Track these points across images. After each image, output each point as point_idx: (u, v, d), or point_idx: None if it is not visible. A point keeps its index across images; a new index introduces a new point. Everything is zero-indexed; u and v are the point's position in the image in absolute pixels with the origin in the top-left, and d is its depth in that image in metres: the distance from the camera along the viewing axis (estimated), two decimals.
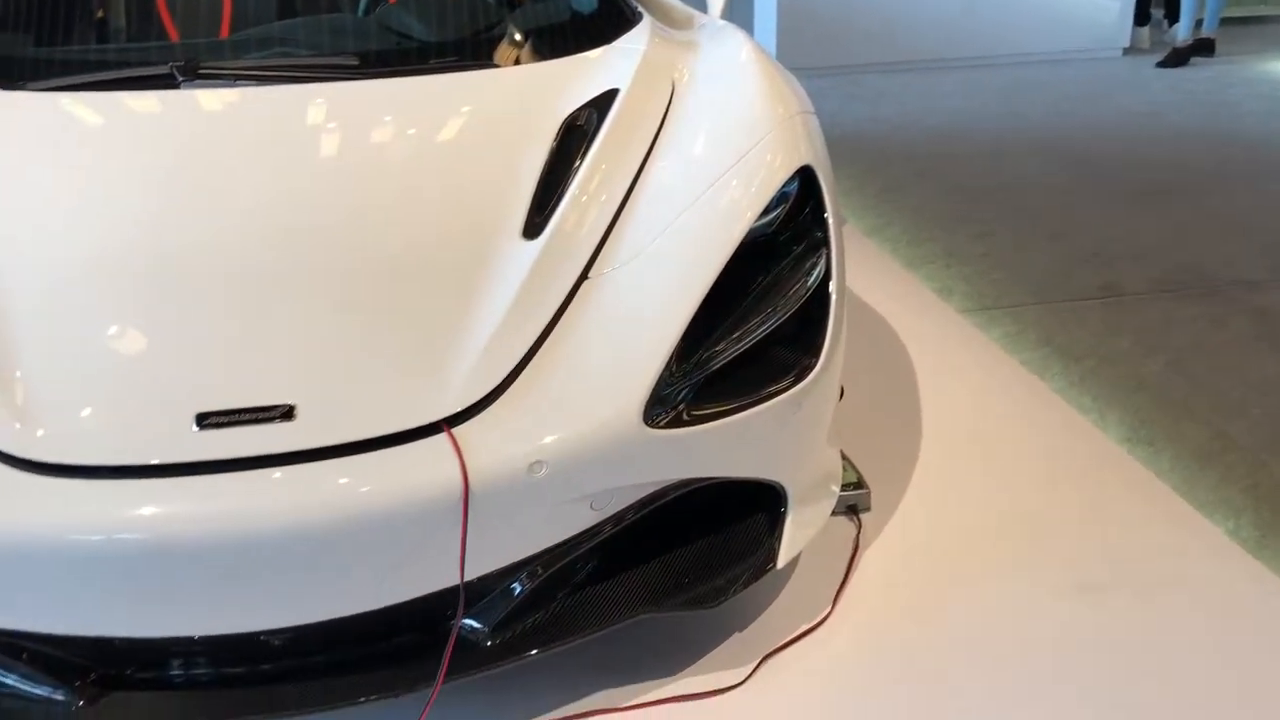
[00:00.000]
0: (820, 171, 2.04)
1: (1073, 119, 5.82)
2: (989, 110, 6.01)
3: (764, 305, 1.89)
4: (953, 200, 4.58)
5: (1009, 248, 4.05)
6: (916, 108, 6.07)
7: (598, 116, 2.13)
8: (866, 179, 4.85)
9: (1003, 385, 3.00)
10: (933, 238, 4.15)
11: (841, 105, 6.02)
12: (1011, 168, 5.02)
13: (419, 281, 1.82)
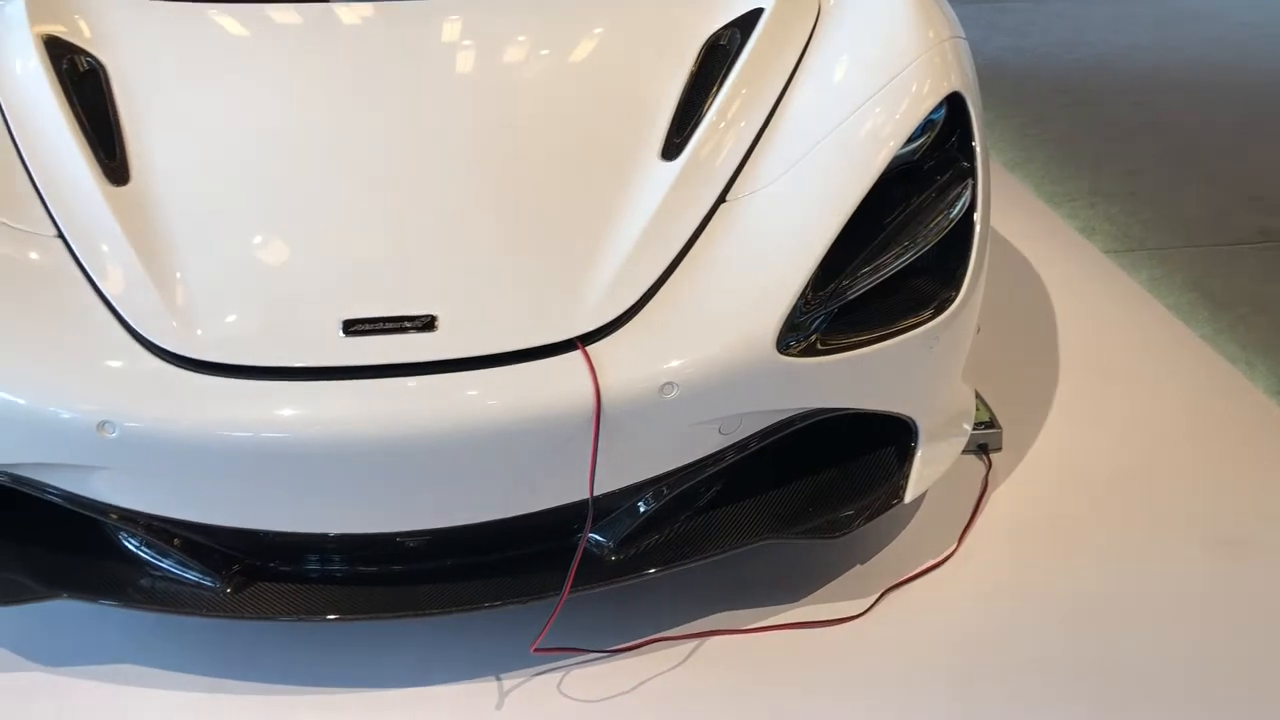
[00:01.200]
0: (970, 99, 1.97)
1: (1235, 52, 5.48)
2: (1143, 43, 5.70)
3: (905, 235, 1.84)
4: (1101, 136, 4.39)
5: (1160, 187, 3.86)
6: (1065, 39, 5.80)
7: (741, 36, 2.09)
8: (1009, 111, 4.67)
9: (1145, 329, 2.89)
10: (1078, 174, 3.99)
11: (985, 34, 5.79)
12: (1166, 104, 4.77)
13: (559, 198, 1.83)
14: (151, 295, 1.67)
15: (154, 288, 1.68)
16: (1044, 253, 3.25)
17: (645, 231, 1.76)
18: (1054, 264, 3.18)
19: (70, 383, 1.59)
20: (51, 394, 1.58)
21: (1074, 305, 2.96)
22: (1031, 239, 3.34)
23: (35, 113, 1.93)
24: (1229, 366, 2.70)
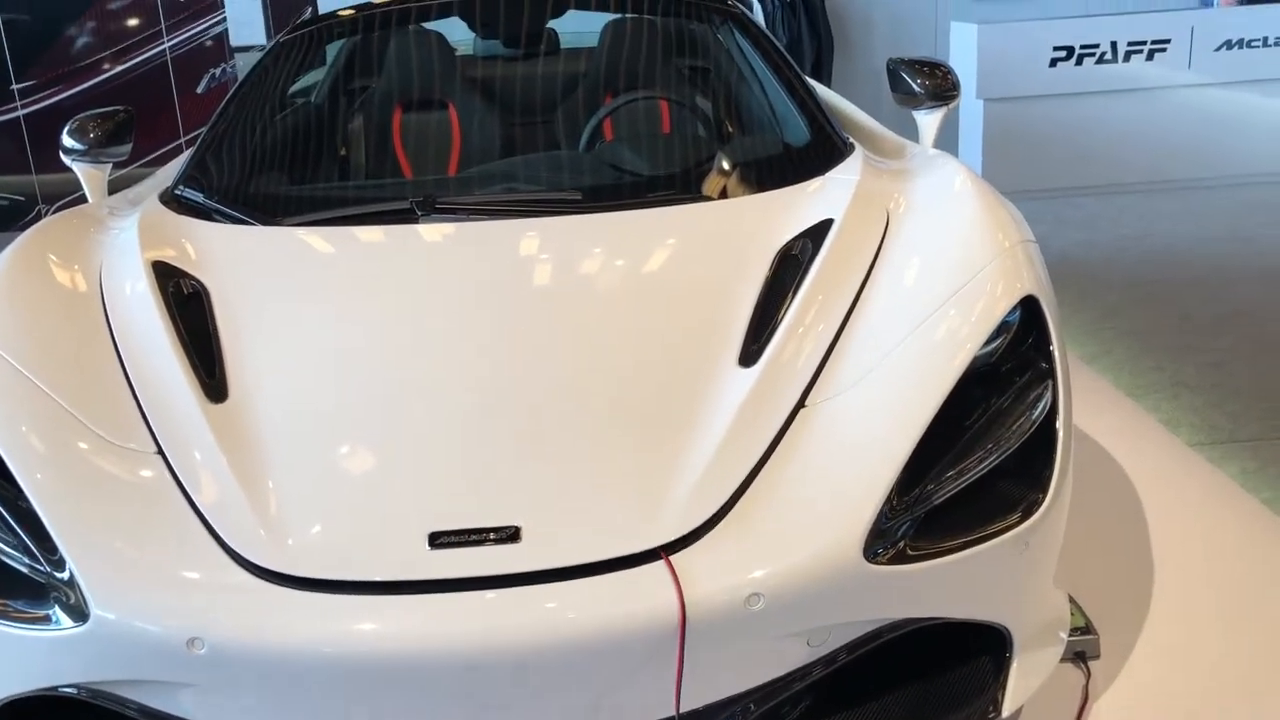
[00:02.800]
0: (1044, 301, 1.98)
1: None
2: (1215, 234, 5.73)
3: (988, 438, 1.82)
4: (1178, 327, 4.36)
5: (1244, 378, 3.80)
6: (1134, 231, 5.85)
7: (813, 246, 2.15)
8: (1083, 304, 4.68)
9: (1241, 525, 2.79)
10: (1158, 366, 3.95)
11: (1053, 229, 5.87)
12: (1244, 295, 4.75)
13: (639, 407, 1.86)
14: (244, 508, 1.71)
15: (246, 501, 1.72)
16: (1129, 447, 3.19)
17: (725, 438, 1.77)
18: (1140, 459, 3.12)
19: (160, 598, 1.62)
20: (141, 610, 1.60)
21: (1164, 501, 2.87)
22: (1115, 434, 3.28)
23: (142, 334, 2.03)
24: None
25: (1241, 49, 6.53)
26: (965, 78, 6.60)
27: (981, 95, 6.57)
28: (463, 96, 3.10)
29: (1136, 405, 3.61)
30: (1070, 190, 6.64)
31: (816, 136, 2.65)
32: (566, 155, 2.97)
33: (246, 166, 2.76)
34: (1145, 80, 6.57)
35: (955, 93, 3.06)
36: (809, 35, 7.21)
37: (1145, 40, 6.53)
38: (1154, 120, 6.63)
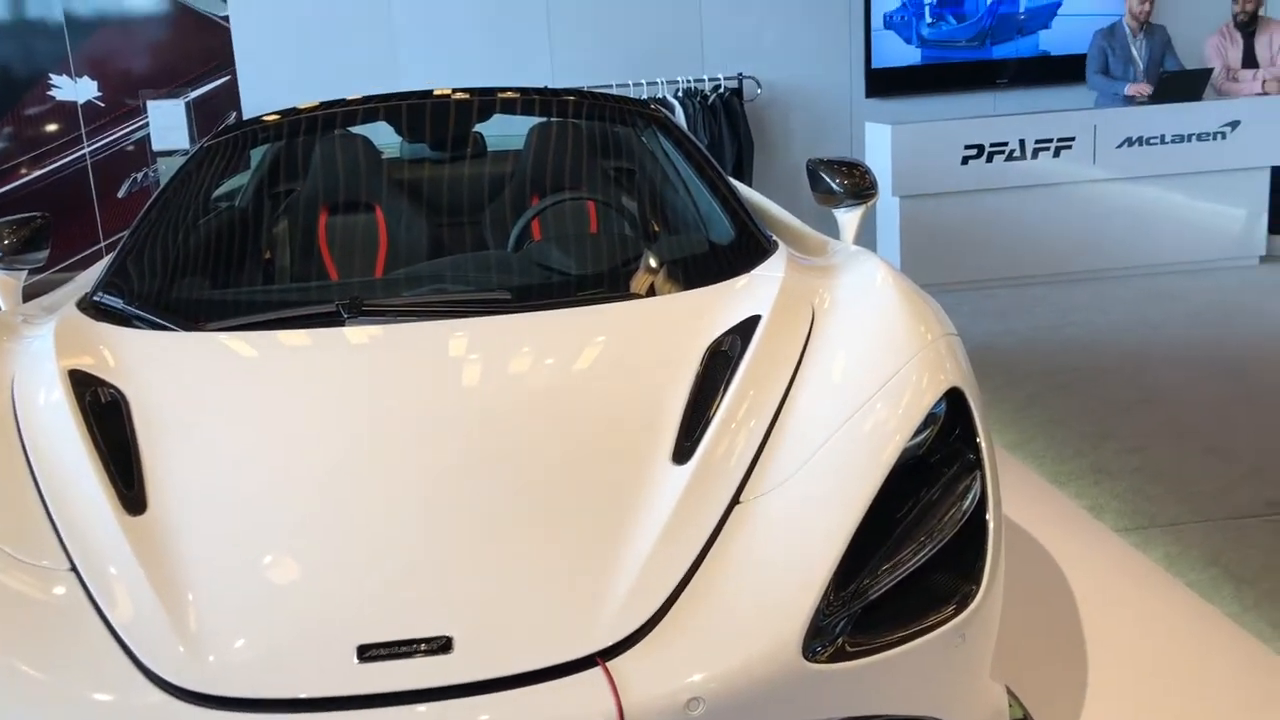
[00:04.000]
0: (969, 393, 2.02)
1: (1216, 328, 5.68)
2: (1126, 322, 5.92)
3: (920, 530, 1.83)
4: (1096, 414, 4.46)
5: (1163, 463, 3.89)
6: (1049, 321, 6.03)
7: (742, 342, 2.17)
8: (1003, 393, 4.78)
9: (1171, 610, 2.83)
10: (1079, 453, 4.03)
11: (970, 320, 6.02)
12: (1156, 380, 4.89)
13: (572, 509, 1.83)
14: (162, 625, 1.64)
15: (165, 617, 1.65)
16: (1057, 535, 3.23)
17: (661, 538, 1.75)
18: (1069, 546, 3.16)
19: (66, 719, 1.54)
20: None
21: (1094, 588, 2.91)
22: (1042, 522, 3.32)
23: (56, 444, 1.97)
24: (1263, 647, 2.62)
25: (1141, 146, 6.84)
26: (882, 176, 6.81)
27: (898, 193, 6.77)
28: (390, 199, 3.10)
29: (1061, 492, 3.67)
30: (986, 282, 6.84)
31: (741, 234, 2.70)
32: (495, 255, 2.98)
33: (168, 271, 2.72)
34: (1053, 176, 6.84)
35: (873, 191, 3.14)
36: (729, 136, 7.40)
37: (1052, 138, 6.81)
38: (1063, 214, 6.89)
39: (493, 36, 7.44)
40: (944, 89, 7.80)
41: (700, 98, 7.41)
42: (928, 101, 7.74)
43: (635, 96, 7.00)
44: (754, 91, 7.58)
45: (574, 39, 7.51)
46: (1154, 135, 6.84)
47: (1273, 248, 7.19)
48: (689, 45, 7.59)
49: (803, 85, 7.73)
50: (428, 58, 7.40)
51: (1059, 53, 7.80)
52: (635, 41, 7.53)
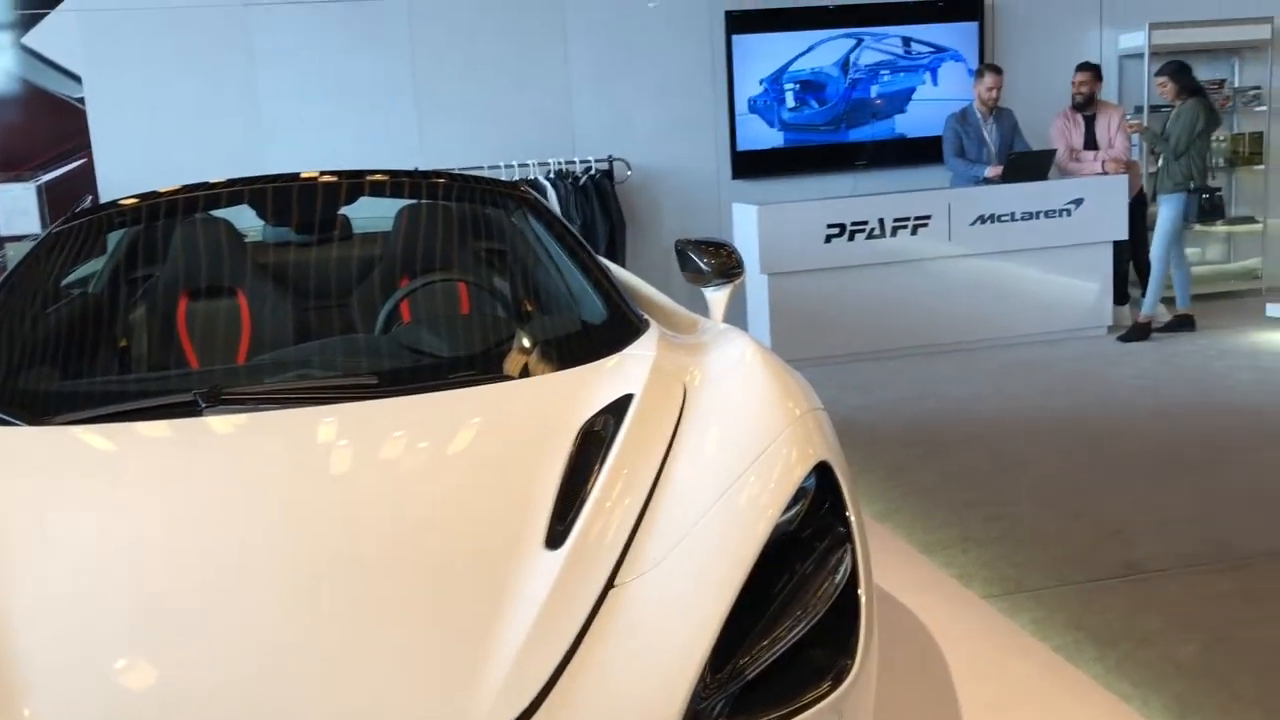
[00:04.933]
0: (837, 466, 2.05)
1: (1071, 397, 5.93)
2: (985, 392, 6.14)
3: (794, 606, 1.84)
4: (961, 482, 4.59)
5: (1025, 529, 4.02)
6: (913, 392, 6.21)
7: (614, 422, 2.16)
8: (870, 464, 4.88)
9: (1039, 675, 2.89)
10: (946, 522, 4.13)
11: (838, 393, 6.16)
12: (1016, 448, 5.07)
13: (444, 599, 1.78)
14: None
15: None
16: (927, 603, 3.29)
17: (535, 626, 1.72)
18: (939, 614, 3.21)
19: None
20: None
21: (965, 656, 2.96)
22: (913, 590, 3.38)
23: None
24: (1125, 707, 2.70)
25: (993, 223, 7.17)
26: (750, 254, 6.98)
27: (766, 270, 6.93)
28: (253, 283, 3.03)
29: (930, 561, 3.75)
30: (853, 356, 7.02)
31: (613, 314, 2.71)
32: (362, 339, 2.93)
33: (14, 362, 2.59)
34: (912, 253, 7.11)
35: (740, 270, 3.20)
36: (602, 217, 7.49)
37: (910, 217, 7.09)
38: (923, 289, 7.15)
39: (360, 119, 7.41)
40: (806, 170, 8.06)
41: (572, 179, 7.50)
42: (792, 182, 7.99)
43: (506, 179, 7.05)
44: (624, 173, 7.71)
45: (443, 121, 7.54)
46: (1005, 213, 7.18)
47: (1118, 318, 7.58)
48: (559, 128, 7.69)
49: (672, 167, 7.89)
50: (293, 141, 7.32)
51: (914, 135, 8.15)
52: (505, 124, 7.60)
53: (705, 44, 7.83)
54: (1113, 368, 6.52)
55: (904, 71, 8.12)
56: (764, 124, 8.00)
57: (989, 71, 7.47)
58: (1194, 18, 8.27)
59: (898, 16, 8.02)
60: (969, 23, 8.10)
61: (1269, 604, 3.28)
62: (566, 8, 7.64)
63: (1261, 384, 5.91)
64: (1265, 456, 4.69)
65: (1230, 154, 8.62)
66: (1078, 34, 8.37)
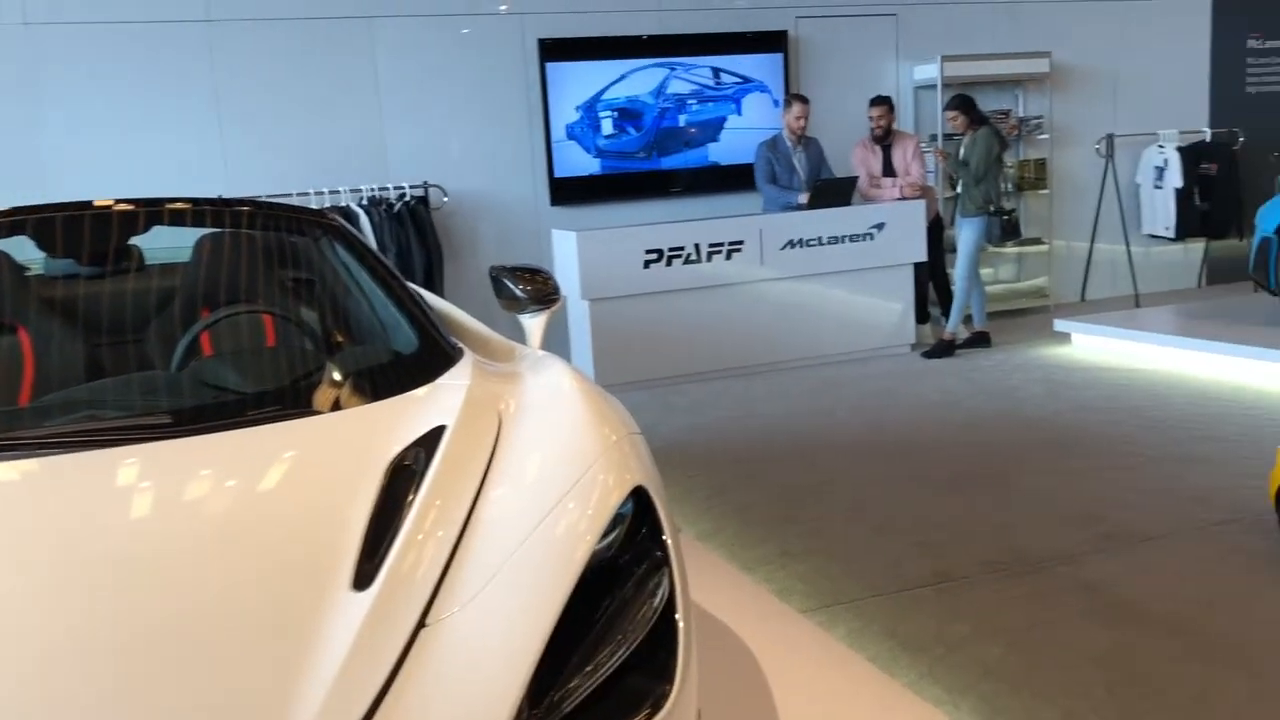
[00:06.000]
0: (653, 491, 2.05)
1: (880, 413, 6.17)
2: (801, 410, 6.31)
3: (612, 634, 1.83)
4: (780, 499, 4.70)
5: (840, 543, 4.14)
6: (734, 413, 6.33)
7: (426, 455, 2.11)
8: (694, 484, 4.94)
9: (855, 686, 2.97)
10: (766, 538, 4.21)
11: (661, 416, 6.22)
12: (830, 464, 5.23)
13: (246, 648, 1.69)
14: None
15: None
16: (748, 621, 3.34)
17: (342, 671, 1.64)
18: (759, 631, 3.27)
19: None
20: None
21: (784, 671, 3.01)
22: (733, 608, 3.43)
23: None
24: (936, 711, 2.79)
25: (803, 247, 7.41)
26: (570, 280, 7.00)
27: (586, 296, 6.96)
28: (37, 320, 2.83)
29: (750, 578, 3.81)
30: (675, 379, 7.12)
31: (425, 343, 2.65)
32: (159, 376, 2.77)
33: None
34: (727, 277, 7.27)
35: (556, 296, 3.19)
36: (418, 245, 7.36)
37: (724, 242, 7.25)
38: (739, 312, 7.32)
39: (160, 148, 7.07)
40: (624, 197, 8.15)
41: (386, 206, 7.35)
42: (610, 209, 8.06)
43: (315, 206, 6.86)
44: (440, 200, 7.61)
45: (249, 149, 7.28)
46: (813, 237, 7.44)
47: (920, 336, 7.94)
48: (372, 154, 7.54)
49: (490, 193, 7.84)
50: (83, 166, 6.92)
51: (727, 162, 8.35)
52: (315, 150, 7.39)
53: (520, 70, 7.83)
54: (918, 384, 6.82)
55: (713, 101, 8.32)
56: (581, 150, 8.05)
57: (796, 101, 7.74)
58: (981, 51, 8.78)
59: (707, 47, 8.22)
60: (774, 54, 8.37)
61: (1060, 605, 3.47)
62: (376, 32, 7.51)
63: (1052, 395, 6.28)
64: (1056, 465, 4.99)
65: (1018, 179, 9.18)
66: (876, 66, 8.77)
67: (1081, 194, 9.35)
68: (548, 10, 7.83)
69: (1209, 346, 6.63)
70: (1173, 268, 9.87)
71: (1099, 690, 2.92)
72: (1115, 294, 9.40)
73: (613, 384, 6.76)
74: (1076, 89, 9.32)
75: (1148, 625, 3.29)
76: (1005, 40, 9.02)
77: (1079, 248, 9.44)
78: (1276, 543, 3.77)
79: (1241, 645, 3.13)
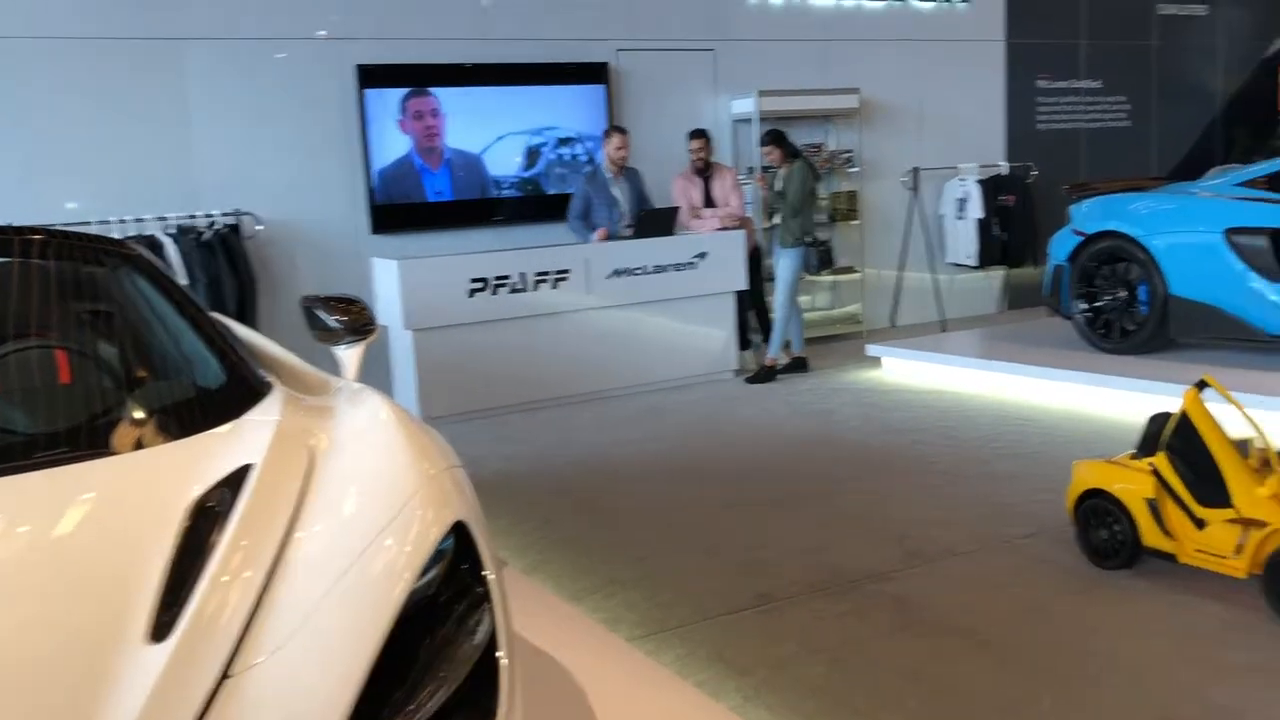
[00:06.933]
0: (474, 525, 2.01)
1: (705, 438, 6.25)
2: (629, 437, 6.35)
3: (432, 674, 1.78)
4: (608, 528, 4.70)
5: (668, 569, 4.16)
6: (560, 442, 6.31)
7: (231, 495, 2.01)
8: (521, 517, 4.89)
9: (683, 712, 2.98)
10: (594, 568, 4.20)
11: (489, 447, 6.14)
12: (657, 489, 5.26)
13: (32, 712, 1.56)
14: None
15: None
16: (576, 653, 3.31)
17: None
18: (586, 662, 3.24)
19: None
20: None
21: (612, 702, 2.99)
22: (561, 641, 3.39)
23: None
24: None
25: (629, 276, 7.48)
26: (393, 310, 6.86)
27: (410, 326, 6.83)
28: None
29: (578, 609, 3.79)
30: (501, 409, 7.05)
31: (231, 378, 2.54)
32: None
33: None
34: (554, 305, 7.27)
35: (372, 326, 3.11)
36: (229, 274, 7.08)
37: (550, 270, 7.24)
38: (565, 340, 7.32)
39: None
40: (448, 225, 8.05)
41: (195, 235, 7.04)
42: (434, 237, 7.94)
43: (118, 235, 6.52)
44: (254, 228, 7.34)
45: (48, 175, 6.86)
46: (638, 266, 7.51)
47: (743, 362, 8.11)
48: (180, 180, 7.21)
49: (307, 221, 7.61)
50: None
51: (553, 191, 8.36)
52: (118, 176, 7.02)
53: (337, 97, 7.65)
54: (741, 408, 6.95)
55: (538, 131, 8.33)
56: (404, 177, 7.91)
57: (616, 132, 7.82)
58: (795, 87, 9.08)
59: (530, 77, 8.23)
60: (597, 85, 8.44)
61: (876, 622, 3.58)
62: (187, 54, 7.21)
63: (866, 418, 6.51)
64: (868, 485, 5.16)
65: (831, 211, 9.52)
66: (695, 99, 8.96)
67: (890, 225, 9.77)
68: (367, 36, 7.69)
69: (1009, 368, 7.01)
70: (975, 294, 10.40)
71: (913, 703, 3.01)
72: (923, 320, 9.83)
73: (439, 416, 6.64)
74: (884, 124, 9.75)
75: (958, 638, 3.42)
76: (817, 77, 9.37)
77: (889, 276, 9.84)
78: (1076, 554, 4.00)
79: (1046, 655, 3.29)
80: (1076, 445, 5.42)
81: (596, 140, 8.23)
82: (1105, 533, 3.89)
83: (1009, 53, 10.39)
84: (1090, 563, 3.92)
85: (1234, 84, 11.89)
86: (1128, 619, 3.49)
